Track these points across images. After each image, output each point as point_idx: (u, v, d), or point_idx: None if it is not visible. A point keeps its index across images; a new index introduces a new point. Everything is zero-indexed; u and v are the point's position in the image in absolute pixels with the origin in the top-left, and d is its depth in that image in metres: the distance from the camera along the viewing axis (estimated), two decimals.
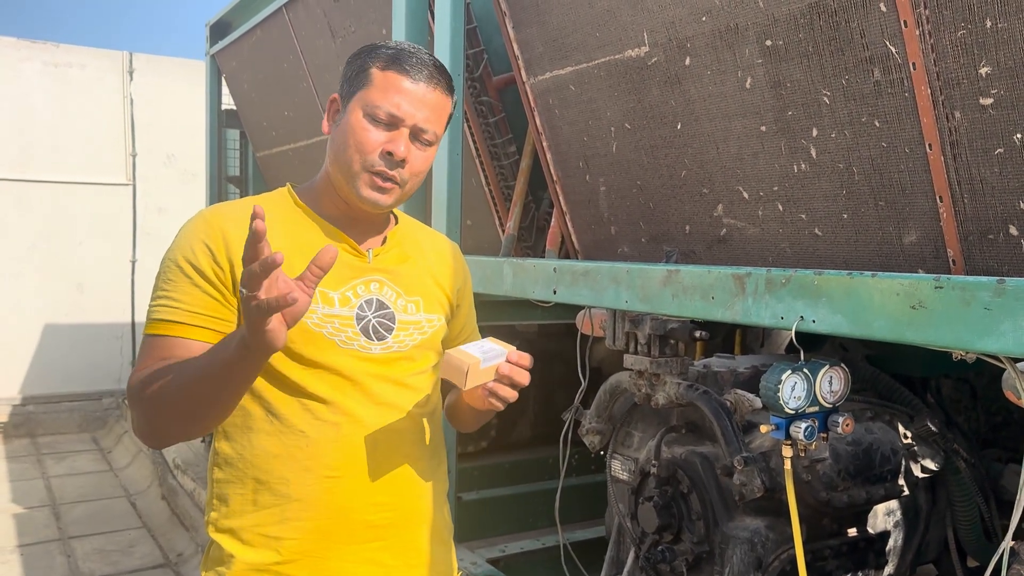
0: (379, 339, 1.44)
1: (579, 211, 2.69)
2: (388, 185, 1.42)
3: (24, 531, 4.98)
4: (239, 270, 1.33)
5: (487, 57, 3.13)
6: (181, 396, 1.28)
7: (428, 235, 1.67)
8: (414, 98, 1.40)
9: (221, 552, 1.42)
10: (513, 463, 3.71)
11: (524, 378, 1.39)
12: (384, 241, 1.53)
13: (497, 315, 3.09)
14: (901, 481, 2.03)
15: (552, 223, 2.91)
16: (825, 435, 1.64)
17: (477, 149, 3.14)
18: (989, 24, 1.48)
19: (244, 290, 1.12)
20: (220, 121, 5.92)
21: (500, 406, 1.41)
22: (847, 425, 1.63)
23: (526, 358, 1.39)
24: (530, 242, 3.17)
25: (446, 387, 1.66)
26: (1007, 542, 1.27)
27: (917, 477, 2.11)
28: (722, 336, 2.86)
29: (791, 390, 1.58)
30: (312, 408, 1.40)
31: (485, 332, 1.78)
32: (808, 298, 1.54)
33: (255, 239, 1.11)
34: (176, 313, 1.36)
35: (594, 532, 3.27)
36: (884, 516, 2.16)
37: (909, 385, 2.33)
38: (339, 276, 1.43)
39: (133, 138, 8.22)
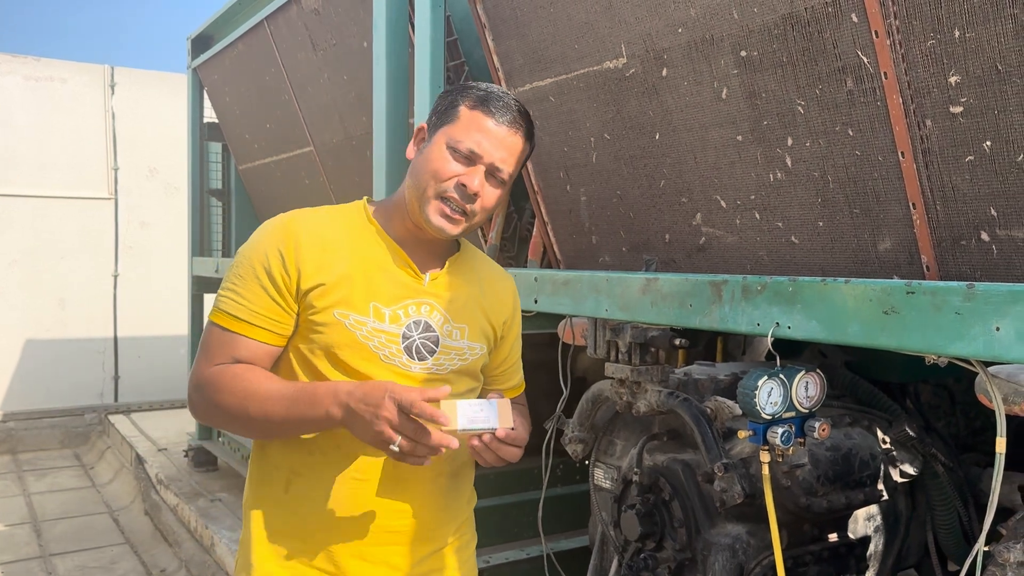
0: (420, 359, 1.53)
1: (560, 221, 2.70)
2: (457, 216, 1.51)
3: (4, 548, 4.92)
4: (304, 277, 1.49)
5: (468, 69, 3.15)
6: (255, 417, 1.44)
7: (487, 266, 1.74)
8: (495, 138, 1.50)
9: (249, 533, 1.55)
10: (497, 474, 3.70)
11: (510, 457, 1.46)
12: (443, 267, 1.60)
13: None
14: (880, 486, 2.04)
15: (534, 233, 2.92)
16: (802, 440, 1.66)
17: None
18: (958, 34, 1.51)
19: (399, 442, 1.33)
20: (202, 134, 5.91)
21: (483, 464, 1.49)
22: (823, 430, 1.64)
23: (517, 439, 1.45)
24: (512, 252, 3.19)
25: None
26: (980, 544, 1.29)
27: (896, 482, 2.13)
28: (703, 344, 2.87)
29: (768, 396, 1.59)
30: None
31: None
32: (784, 304, 1.56)
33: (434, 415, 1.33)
34: (241, 310, 1.49)
35: (579, 542, 3.26)
36: (864, 521, 2.18)
37: (888, 391, 2.35)
38: (394, 294, 1.52)
39: (115, 152, 8.18)
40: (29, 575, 4.55)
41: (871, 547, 2.18)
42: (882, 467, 2.05)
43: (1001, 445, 1.30)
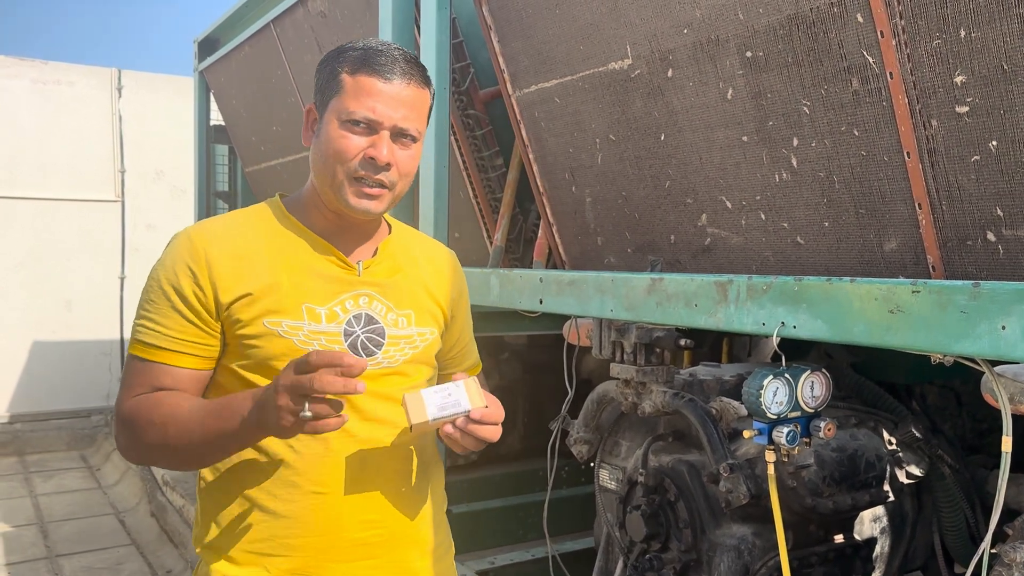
0: (368, 355, 1.42)
1: (566, 222, 2.71)
2: (376, 191, 1.39)
3: (11, 549, 4.94)
4: (222, 292, 1.36)
5: (473, 71, 3.16)
6: (180, 441, 1.31)
7: (423, 244, 1.64)
8: (389, 98, 1.36)
9: (208, 570, 1.40)
10: (503, 475, 3.71)
11: (490, 436, 1.35)
12: (375, 253, 1.50)
13: (485, 326, 3.10)
14: (886, 487, 2.04)
15: (539, 234, 2.92)
16: (808, 440, 1.65)
17: (464, 162, 3.16)
18: (963, 33, 1.51)
19: (306, 407, 1.17)
20: (209, 137, 5.92)
21: (466, 452, 1.38)
22: (829, 430, 1.64)
23: (493, 416, 1.34)
24: (518, 254, 3.19)
25: None
26: (986, 543, 1.29)
27: (902, 483, 2.12)
28: (708, 345, 2.87)
29: (773, 395, 1.59)
30: None
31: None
32: (789, 304, 1.56)
33: (345, 367, 1.17)
34: (159, 338, 1.37)
35: (585, 543, 3.27)
36: (870, 522, 2.17)
37: (894, 392, 2.35)
38: (327, 291, 1.41)
39: (122, 154, 8.21)
40: None
41: (877, 548, 2.17)
42: (888, 468, 2.05)
43: (1007, 444, 1.29)
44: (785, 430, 1.59)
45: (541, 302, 2.30)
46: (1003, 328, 1.21)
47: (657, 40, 2.12)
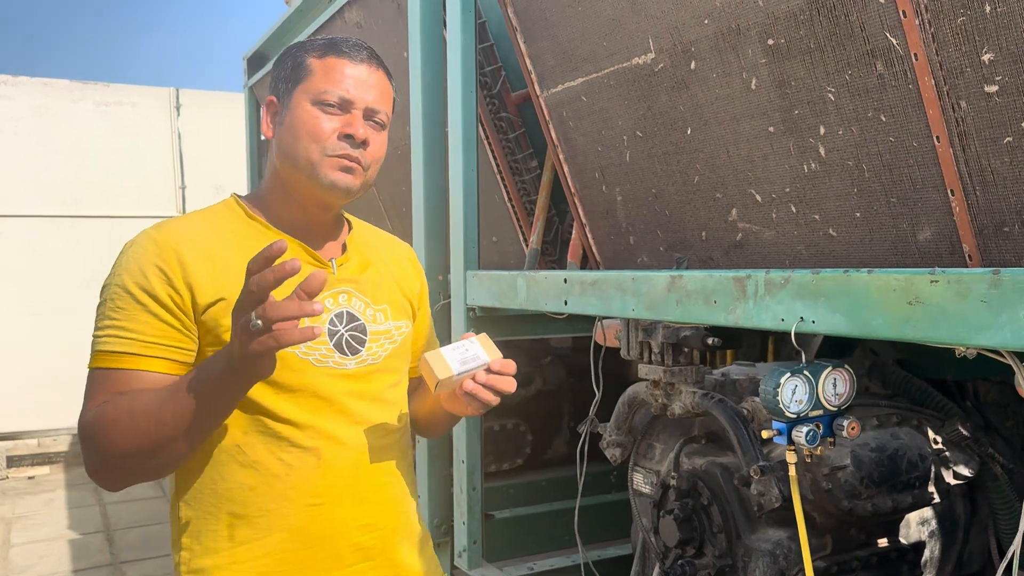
0: (353, 353, 1.40)
1: (598, 222, 2.66)
2: (354, 165, 1.37)
3: (78, 556, 5.09)
4: (199, 294, 1.30)
5: (505, 74, 3.14)
6: (152, 427, 1.21)
7: (383, 239, 1.63)
8: (359, 80, 1.38)
9: None
10: (549, 480, 3.67)
11: (508, 387, 1.34)
12: (344, 249, 1.49)
13: (527, 329, 3.08)
14: (931, 488, 1.94)
15: (573, 236, 2.89)
16: (832, 440, 1.58)
17: (498, 165, 3.14)
18: (988, 9, 1.43)
19: (252, 315, 1.08)
20: (260, 151, 6.03)
21: (480, 411, 1.36)
22: (853, 428, 1.56)
23: (511, 366, 1.33)
24: (555, 256, 3.15)
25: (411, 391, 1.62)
26: (1017, 543, 1.21)
27: (949, 484, 2.02)
28: (754, 345, 2.79)
29: (791, 394, 1.52)
30: (289, 435, 1.34)
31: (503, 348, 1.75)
32: (807, 298, 1.49)
33: (270, 255, 1.09)
34: (131, 344, 1.28)
35: (626, 549, 3.21)
36: (918, 525, 2.08)
37: (944, 389, 2.24)
38: None
39: (182, 171, 8.43)
40: None
41: (926, 553, 2.07)
42: (932, 468, 1.95)
43: None
44: (805, 429, 1.52)
45: (566, 303, 2.27)
46: None
47: (678, 32, 2.07)
